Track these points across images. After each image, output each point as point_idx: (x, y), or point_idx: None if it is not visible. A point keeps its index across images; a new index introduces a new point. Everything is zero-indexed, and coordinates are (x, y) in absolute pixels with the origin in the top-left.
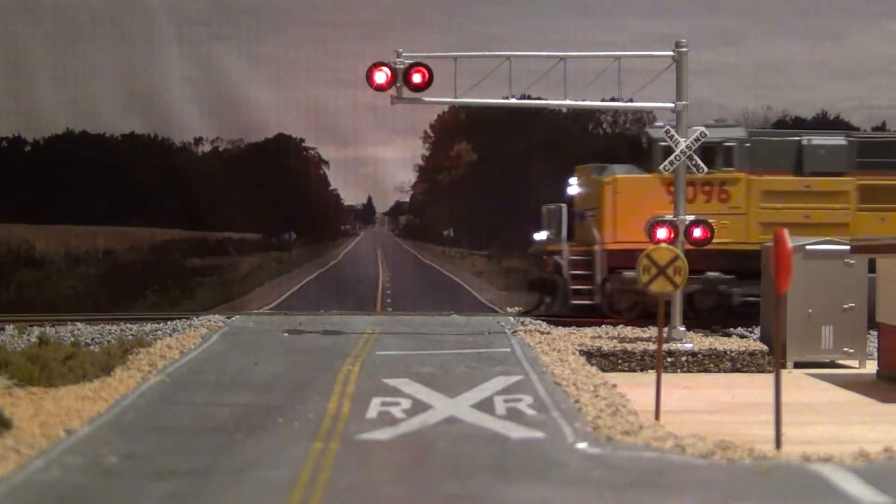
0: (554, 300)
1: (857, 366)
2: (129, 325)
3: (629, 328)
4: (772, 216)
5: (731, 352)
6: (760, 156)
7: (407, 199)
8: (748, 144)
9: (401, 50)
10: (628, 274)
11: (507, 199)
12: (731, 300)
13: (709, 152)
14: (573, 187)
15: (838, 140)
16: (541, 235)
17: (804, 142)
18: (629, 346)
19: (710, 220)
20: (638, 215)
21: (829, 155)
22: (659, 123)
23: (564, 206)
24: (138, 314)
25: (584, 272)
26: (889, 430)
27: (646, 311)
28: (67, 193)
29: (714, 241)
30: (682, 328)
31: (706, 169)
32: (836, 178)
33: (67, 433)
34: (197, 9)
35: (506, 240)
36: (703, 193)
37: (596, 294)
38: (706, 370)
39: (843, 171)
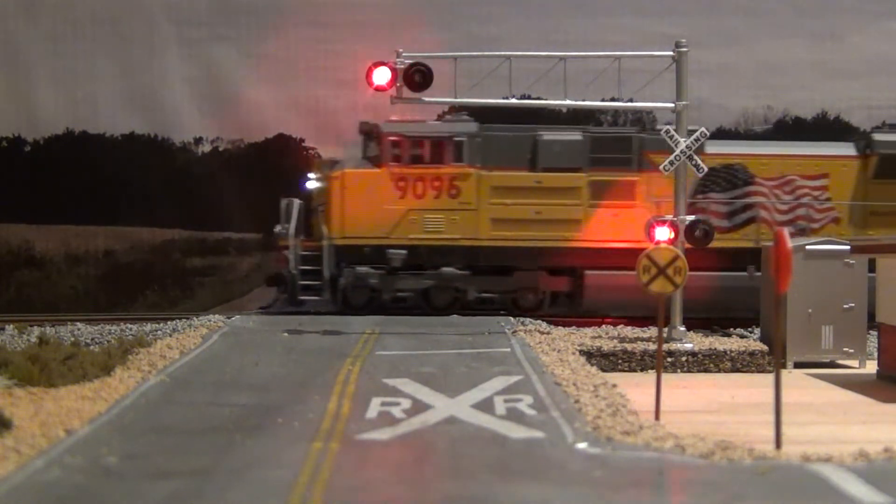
0: (288, 295)
1: (857, 366)
2: (129, 325)
3: (629, 328)
4: (503, 212)
5: (731, 352)
6: (493, 151)
7: None
8: (480, 139)
9: (401, 50)
10: (362, 269)
11: None
12: (467, 296)
13: (438, 147)
14: (311, 181)
15: (573, 135)
16: (278, 229)
17: (538, 137)
18: (629, 346)
19: (439, 217)
20: (366, 210)
21: (563, 150)
22: (396, 118)
23: (297, 201)
24: (138, 314)
25: (313, 267)
26: (889, 430)
27: (382, 307)
28: (67, 193)
29: (446, 237)
30: (682, 328)
31: (706, 169)
32: (569, 175)
33: (67, 433)
34: (197, 9)
35: None
36: (433, 189)
37: (325, 289)
38: (706, 370)
39: (576, 167)
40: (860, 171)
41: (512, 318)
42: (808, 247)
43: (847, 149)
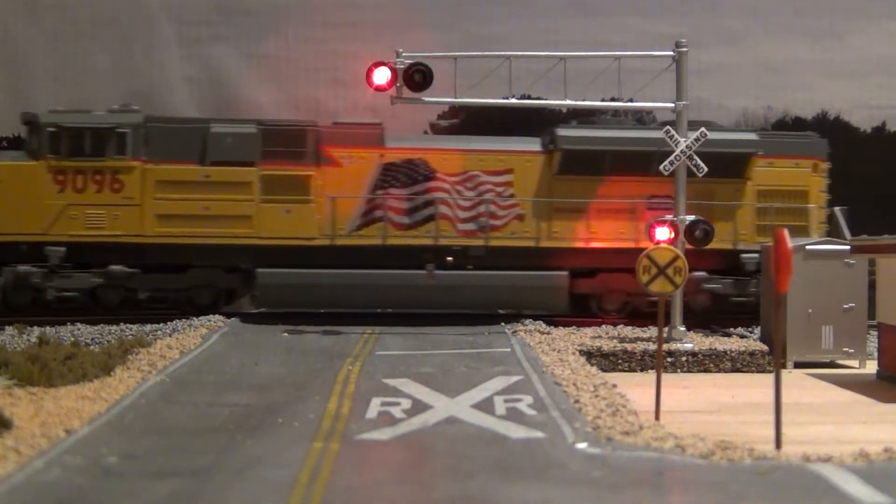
0: None
1: (857, 366)
2: (129, 325)
3: (629, 328)
4: (169, 208)
5: (731, 352)
6: (161, 144)
7: None
8: (145, 131)
9: (401, 50)
10: (23, 268)
11: None
12: (137, 295)
13: (100, 139)
14: None
15: (245, 128)
16: None
17: (208, 129)
18: (629, 346)
19: (100, 212)
20: (23, 205)
21: (234, 144)
22: (61, 108)
23: None
24: (138, 314)
25: None
26: (889, 430)
27: (47, 307)
28: None
29: (108, 234)
30: (683, 328)
31: (706, 169)
32: (240, 169)
33: (67, 433)
34: (197, 9)
35: None
36: (95, 183)
37: None
38: (706, 370)
39: (248, 161)
40: (545, 166)
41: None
42: (808, 247)
43: (532, 144)
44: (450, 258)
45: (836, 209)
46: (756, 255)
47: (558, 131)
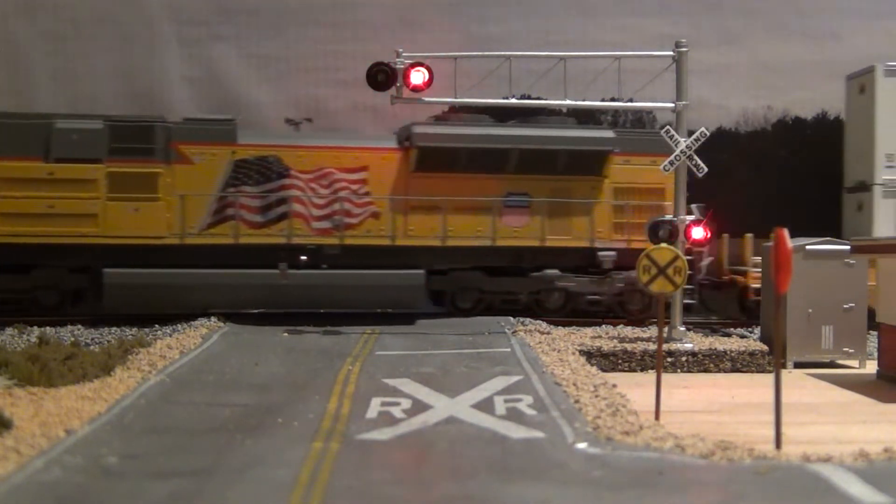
0: None
1: (857, 366)
2: (129, 325)
3: (629, 328)
4: (11, 206)
5: (731, 352)
6: (3, 140)
7: None
8: None
9: (401, 50)
10: None
11: None
12: None
13: None
14: None
15: (91, 124)
16: None
17: (53, 125)
18: (629, 346)
19: None
20: None
21: (79, 140)
22: None
23: None
24: (138, 314)
25: None
26: (889, 430)
27: None
28: None
29: None
30: (682, 328)
31: (706, 169)
32: (84, 165)
33: (67, 433)
34: (197, 9)
35: None
36: None
37: None
38: (706, 370)
39: (94, 158)
40: (401, 163)
41: (512, 318)
42: (808, 247)
43: (388, 141)
44: (304, 257)
45: (693, 206)
46: (613, 252)
47: (414, 128)
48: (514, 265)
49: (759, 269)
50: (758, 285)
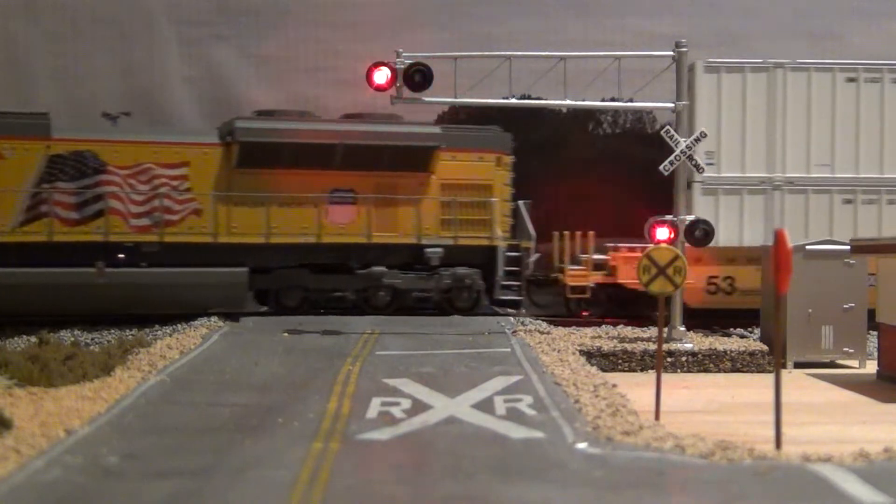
0: None
1: (857, 366)
2: (130, 325)
3: (629, 328)
4: None
5: (731, 352)
6: None
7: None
8: None
9: (401, 50)
10: None
11: None
12: None
13: None
14: None
15: None
16: None
17: None
18: (629, 346)
19: None
20: None
21: None
22: None
23: None
24: (138, 314)
25: None
26: (889, 430)
27: None
28: None
29: None
30: (682, 328)
31: (705, 168)
32: None
33: (67, 433)
34: (197, 8)
35: None
36: None
37: None
38: (706, 370)
39: None
40: (223, 159)
41: (512, 319)
42: (808, 247)
43: (209, 136)
44: (121, 255)
45: (521, 203)
46: (440, 249)
47: (236, 123)
48: (341, 262)
49: (579, 267)
50: (575, 283)
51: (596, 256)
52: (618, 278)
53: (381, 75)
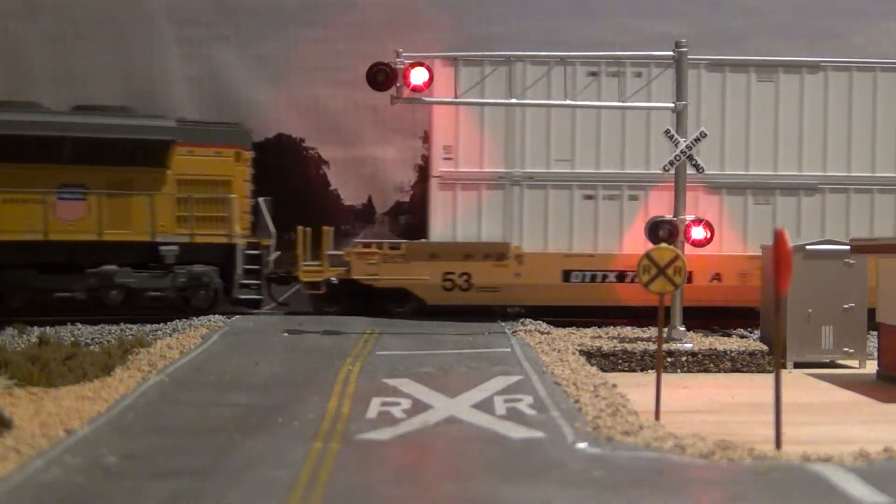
0: None
1: (857, 366)
2: (129, 325)
3: (629, 328)
4: None
5: (731, 352)
6: None
7: (407, 199)
8: None
9: (401, 50)
10: None
11: None
12: None
13: None
14: None
15: None
16: None
17: None
18: (629, 346)
19: None
20: None
21: None
22: None
23: None
24: (138, 314)
25: None
26: (889, 430)
27: None
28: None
29: None
30: (682, 328)
31: (705, 168)
32: None
33: (67, 433)
34: (197, 9)
35: None
36: None
37: None
38: (706, 370)
39: None
40: None
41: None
42: (808, 247)
43: None
44: None
45: (261, 199)
46: (175, 246)
47: None
48: (71, 261)
49: (316, 263)
50: (310, 279)
51: (333, 252)
52: (352, 274)
53: (382, 75)
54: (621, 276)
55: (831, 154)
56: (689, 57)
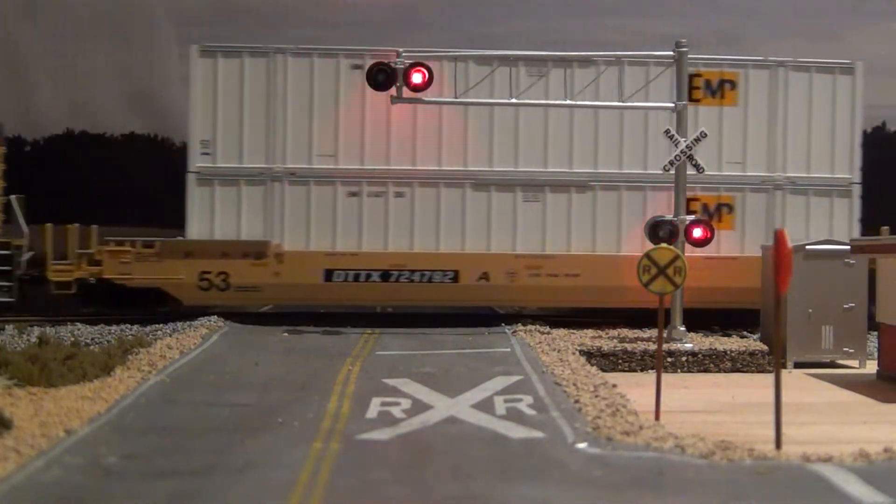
0: None
1: (857, 366)
2: (129, 325)
3: (629, 328)
4: None
5: (731, 352)
6: None
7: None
8: None
9: (401, 50)
10: None
11: None
12: None
13: None
14: None
15: None
16: None
17: None
18: (629, 346)
19: None
20: None
21: None
22: None
23: None
24: (138, 314)
25: None
26: (889, 430)
27: None
28: (67, 193)
29: None
30: (682, 328)
31: (705, 168)
32: None
33: (67, 433)
34: (197, 9)
35: None
36: None
37: None
38: (706, 370)
39: None
40: None
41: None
42: (808, 247)
43: None
44: None
45: (12, 197)
46: None
47: None
48: None
49: (66, 262)
50: (59, 279)
51: (82, 251)
52: (105, 273)
53: (382, 75)
54: (386, 276)
55: (602, 151)
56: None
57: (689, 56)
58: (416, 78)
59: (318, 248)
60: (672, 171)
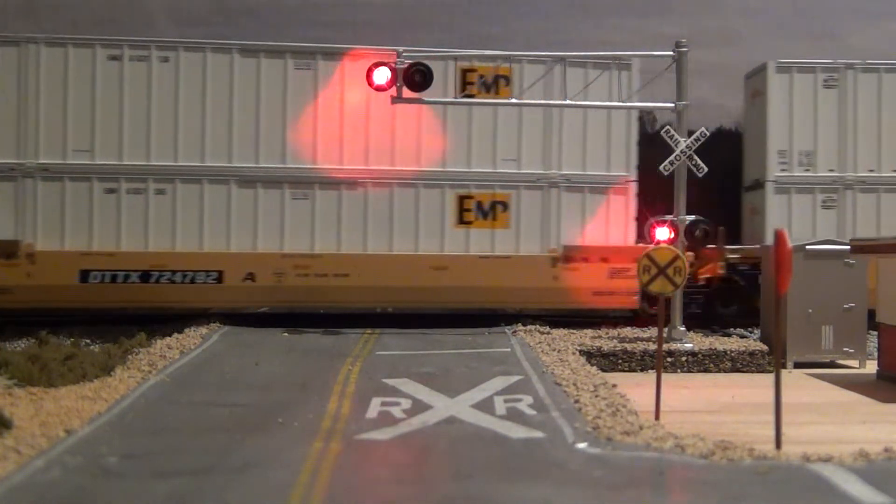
0: None
1: (857, 366)
2: (129, 326)
3: (629, 328)
4: None
5: (731, 352)
6: None
7: None
8: None
9: (401, 50)
10: None
11: None
12: None
13: None
14: None
15: None
16: None
17: None
18: (629, 346)
19: None
20: None
21: None
22: None
23: None
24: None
25: None
26: (889, 430)
27: None
28: None
29: None
30: (682, 328)
31: (706, 169)
32: None
33: (67, 433)
34: (197, 8)
35: None
36: None
37: None
38: (706, 370)
39: None
40: None
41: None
42: (808, 247)
43: None
44: None
45: None
46: None
47: None
48: None
49: None
50: None
51: None
52: None
53: (381, 75)
54: (146, 276)
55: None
56: (223, 42)
57: (463, 51)
58: (416, 78)
59: (74, 248)
60: (675, 172)
